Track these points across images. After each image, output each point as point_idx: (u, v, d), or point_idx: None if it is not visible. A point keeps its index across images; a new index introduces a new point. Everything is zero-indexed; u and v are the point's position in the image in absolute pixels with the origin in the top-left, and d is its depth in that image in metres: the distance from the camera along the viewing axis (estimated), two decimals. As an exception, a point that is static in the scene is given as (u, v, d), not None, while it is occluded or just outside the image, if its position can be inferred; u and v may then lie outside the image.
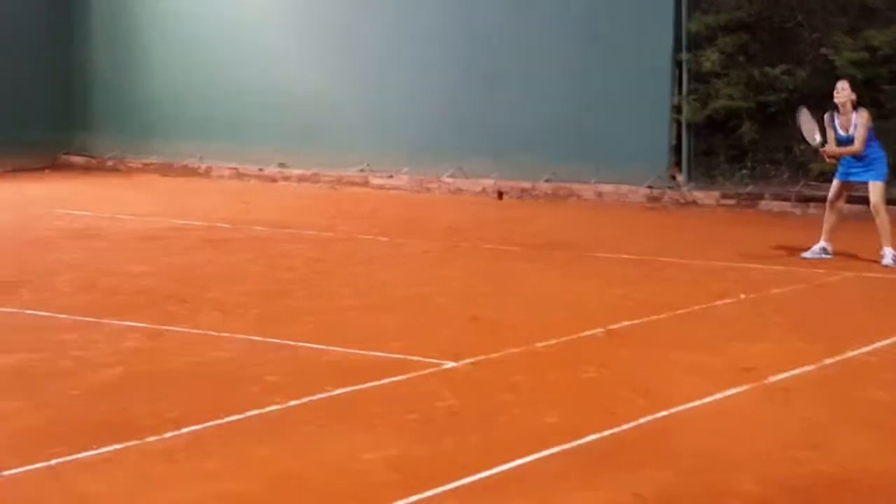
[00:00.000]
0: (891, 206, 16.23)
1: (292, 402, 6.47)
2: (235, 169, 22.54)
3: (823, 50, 18.15)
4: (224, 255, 12.51)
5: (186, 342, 8.17)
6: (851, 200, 12.88)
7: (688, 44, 18.95)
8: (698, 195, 18.41)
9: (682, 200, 18.46)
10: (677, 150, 19.13)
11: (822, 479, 5.31)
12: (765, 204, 17.67)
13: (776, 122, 18.08)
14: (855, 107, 12.16)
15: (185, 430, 5.95)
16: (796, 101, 12.35)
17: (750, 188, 18.14)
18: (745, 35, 18.74)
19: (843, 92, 12.15)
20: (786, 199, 17.50)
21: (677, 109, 19.07)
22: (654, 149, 19.05)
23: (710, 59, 18.72)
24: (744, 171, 18.48)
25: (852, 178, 12.30)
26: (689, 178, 18.91)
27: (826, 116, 12.28)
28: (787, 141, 17.54)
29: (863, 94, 16.86)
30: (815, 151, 12.86)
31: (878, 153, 12.30)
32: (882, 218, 12.07)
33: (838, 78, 12.61)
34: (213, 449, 5.71)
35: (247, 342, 8.14)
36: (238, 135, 22.26)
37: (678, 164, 19.11)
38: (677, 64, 19.09)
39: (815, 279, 11.19)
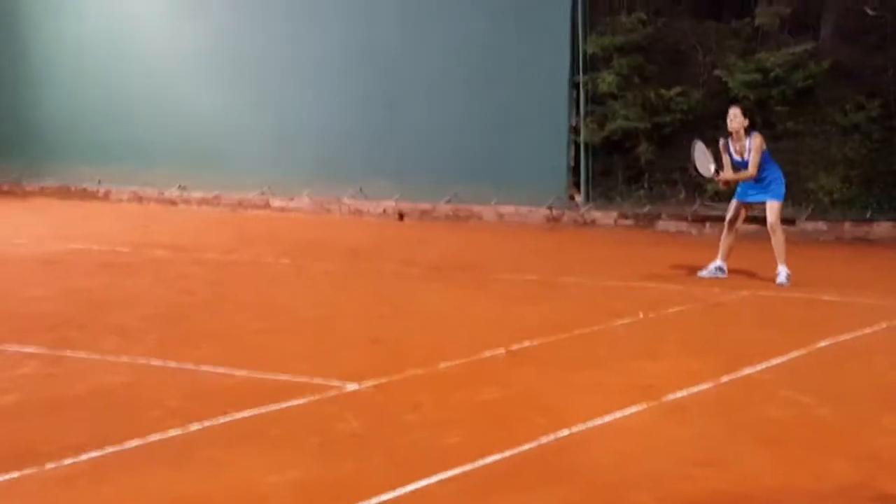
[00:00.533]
0: (785, 226, 16.64)
1: (193, 427, 6.42)
2: (135, 192, 22.37)
3: (717, 72, 18.50)
4: (123, 278, 12.39)
5: (85, 367, 8.07)
6: (746, 220, 12.99)
7: (584, 65, 19.18)
8: (597, 215, 18.62)
9: (581, 221, 18.66)
10: (576, 170, 19.34)
11: (718, 495, 5.39)
12: (662, 224, 17.92)
13: (672, 143, 18.37)
14: (748, 132, 12.28)
15: (85, 456, 5.87)
16: (691, 122, 12.54)
17: (647, 208, 18.39)
18: (640, 57, 19.03)
19: (735, 119, 12.27)
20: (682, 219, 17.78)
21: (575, 130, 19.29)
22: (553, 170, 19.24)
23: (607, 80, 18.98)
24: (641, 192, 18.73)
25: (750, 199, 12.45)
26: (588, 198, 19.12)
27: (721, 142, 12.42)
28: (683, 162, 17.76)
29: (756, 116, 17.23)
30: (712, 180, 13.00)
31: (775, 174, 12.44)
32: (778, 237, 12.26)
33: (733, 100, 12.81)
34: (113, 475, 5.65)
35: (147, 367, 8.06)
36: (137, 158, 22.08)
37: (577, 184, 19.32)
38: (575, 85, 19.31)
39: (712, 298, 11.37)
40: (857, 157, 17.49)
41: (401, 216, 19.90)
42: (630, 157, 18.96)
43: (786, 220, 16.92)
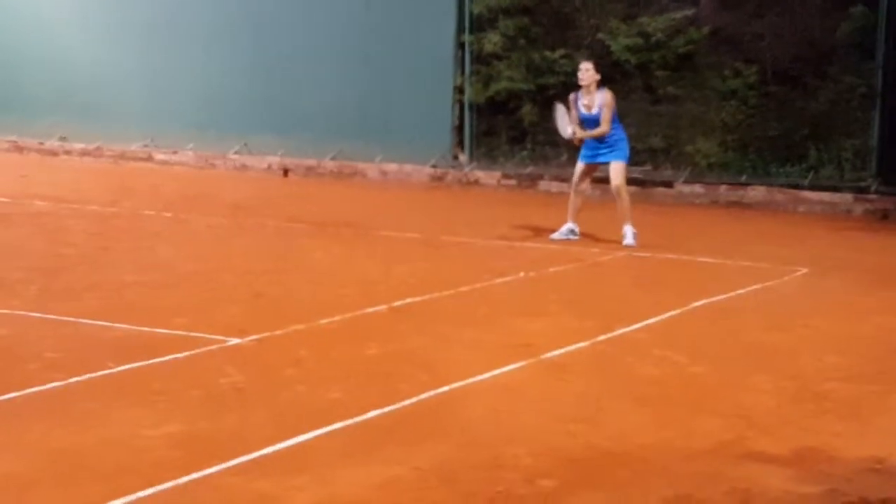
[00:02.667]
0: (664, 189, 16.89)
1: (73, 379, 6.39)
2: (14, 142, 21.95)
3: (600, 35, 18.66)
4: (2, 230, 12.21)
5: (-38, 319, 7.98)
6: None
7: (470, 25, 19.22)
8: (480, 175, 18.73)
9: (465, 180, 18.76)
10: (460, 130, 19.42)
11: (594, 451, 5.51)
12: (544, 185, 18.09)
13: (557, 103, 18.51)
14: (598, 87, 12.30)
15: (-39, 408, 5.83)
16: (574, 84, 12.57)
17: (530, 169, 18.55)
18: (525, 18, 19.12)
19: (587, 73, 12.30)
20: (564, 181, 17.88)
21: (460, 90, 19.34)
22: (438, 129, 19.29)
23: (492, 41, 19.05)
24: (524, 153, 18.88)
25: (597, 160, 12.51)
26: (472, 158, 19.22)
27: (571, 96, 12.49)
28: (566, 124, 17.96)
29: (637, 79, 17.48)
30: (568, 141, 13.01)
31: (621, 134, 12.47)
32: (623, 199, 12.29)
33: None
34: (-10, 427, 5.62)
35: (26, 319, 7.98)
36: (17, 107, 21.67)
37: (461, 144, 19.39)
38: (460, 45, 19.35)
39: (591, 258, 11.55)
40: (734, 122, 17.81)
41: (285, 172, 19.83)
42: (514, 118, 19.08)
43: (664, 183, 17.28)
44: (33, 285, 9.16)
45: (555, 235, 12.58)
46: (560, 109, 12.59)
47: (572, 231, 12.58)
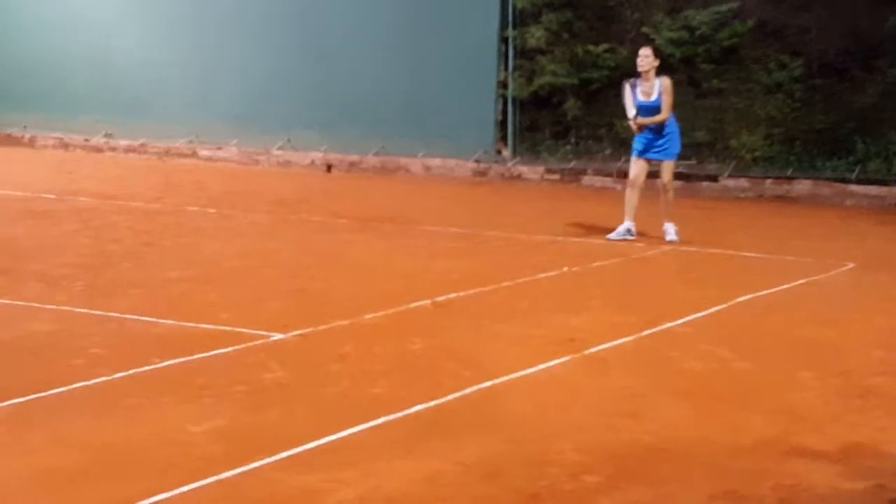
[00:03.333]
0: (709, 182, 16.80)
1: (118, 375, 6.42)
2: (60, 139, 22.13)
3: (644, 29, 18.58)
4: (48, 226, 12.29)
5: (8, 314, 8.03)
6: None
7: (514, 20, 19.20)
8: (523, 170, 18.70)
9: (508, 175, 18.73)
10: (503, 125, 19.41)
11: (638, 447, 5.49)
12: (587, 179, 18.05)
13: (598, 100, 18.50)
14: (658, 74, 12.06)
15: (8, 403, 5.85)
16: (618, 78, 12.55)
17: (573, 164, 18.51)
18: (569, 13, 19.08)
19: (646, 59, 12.03)
20: (608, 175, 17.90)
21: (503, 85, 19.34)
22: (481, 123, 19.29)
23: (536, 35, 19.02)
24: (567, 147, 18.84)
25: (649, 156, 12.18)
26: (515, 152, 19.20)
27: (629, 83, 12.19)
28: (609, 118, 17.94)
29: (681, 72, 17.38)
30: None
31: (674, 127, 12.21)
32: (669, 196, 12.20)
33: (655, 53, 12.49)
34: (36, 422, 5.65)
35: (71, 314, 8.04)
36: (63, 104, 21.84)
37: (504, 138, 19.38)
38: (503, 40, 19.34)
39: (635, 253, 11.50)
40: (780, 116, 17.70)
41: (328, 168, 19.87)
42: (557, 113, 19.05)
43: (708, 177, 17.19)
44: (79, 281, 9.22)
45: (611, 236, 12.18)
46: (627, 89, 12.31)
47: (629, 231, 12.17)
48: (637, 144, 12.21)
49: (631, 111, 12.07)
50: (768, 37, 18.18)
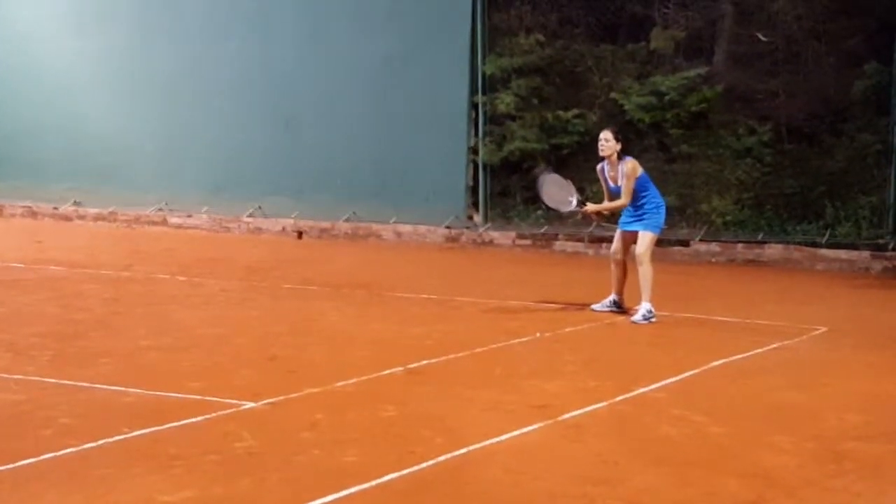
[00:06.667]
0: (680, 248, 16.84)
1: (88, 445, 6.34)
2: (29, 207, 22.06)
3: (613, 94, 18.73)
4: (17, 295, 12.20)
5: (-24, 385, 7.94)
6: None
7: (483, 86, 19.32)
8: (495, 235, 18.74)
9: (480, 240, 18.76)
10: (474, 190, 19.46)
11: (613, 512, 5.45)
12: (559, 244, 18.09)
13: (569, 165, 18.57)
14: (621, 157, 11.44)
15: (-25, 475, 5.78)
16: (588, 143, 12.60)
17: (545, 229, 18.56)
18: (538, 78, 19.23)
19: (606, 144, 11.43)
20: (579, 240, 17.96)
21: (474, 151, 19.41)
22: (452, 190, 19.35)
23: (505, 101, 19.15)
24: (539, 212, 18.89)
25: (627, 227, 11.65)
26: (486, 218, 19.25)
27: (598, 168, 11.70)
28: (580, 183, 17.98)
29: (650, 138, 17.49)
30: (578, 214, 12.43)
31: (654, 202, 11.58)
32: (644, 270, 11.36)
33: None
34: (4, 495, 5.56)
35: (40, 384, 7.94)
36: (31, 173, 21.81)
37: (475, 204, 19.43)
38: (473, 106, 19.44)
39: (607, 318, 11.50)
40: (749, 180, 17.82)
41: (299, 234, 19.86)
42: (528, 178, 19.11)
43: (680, 242, 17.26)
44: (48, 350, 9.13)
45: (596, 307, 11.83)
46: (554, 179, 11.89)
47: (614, 302, 11.78)
48: (621, 215, 11.74)
49: (571, 200, 11.72)
50: (737, 101, 18.36)
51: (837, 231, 16.99)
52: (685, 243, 17.41)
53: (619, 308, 11.80)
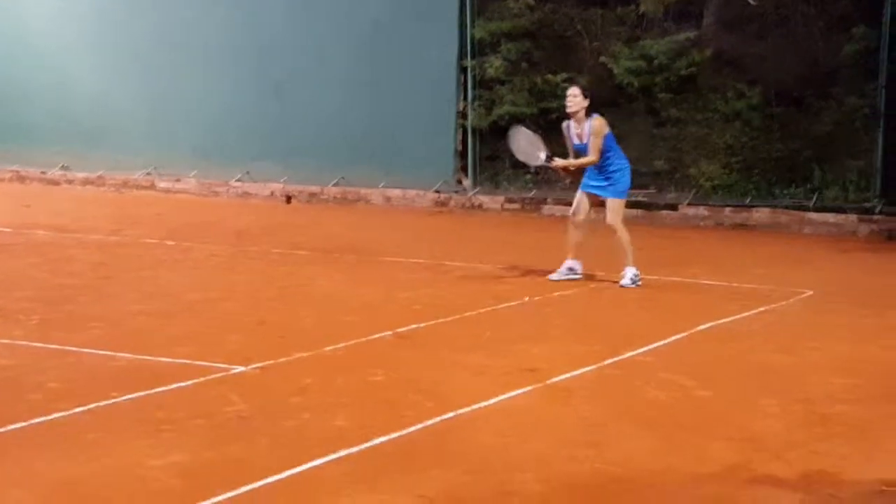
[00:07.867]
0: (668, 212, 16.84)
1: (77, 410, 6.36)
2: (16, 171, 21.99)
3: (603, 59, 18.68)
4: (4, 259, 12.19)
5: (-36, 350, 7.94)
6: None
7: (472, 50, 19.26)
8: (484, 199, 18.73)
9: (469, 205, 18.75)
10: (463, 155, 19.43)
11: (600, 477, 5.47)
12: (548, 208, 18.08)
13: (558, 129, 18.45)
14: (588, 114, 11.18)
15: (-35, 440, 5.79)
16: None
17: (533, 193, 18.54)
18: (527, 42, 19.17)
19: (573, 99, 11.20)
20: (568, 204, 17.82)
21: (463, 115, 19.37)
22: (441, 154, 19.32)
23: (495, 65, 19.09)
24: (528, 177, 18.87)
25: (594, 191, 11.39)
26: (475, 182, 19.23)
27: (563, 125, 11.43)
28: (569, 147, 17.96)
29: (639, 102, 17.46)
30: (546, 169, 12.29)
31: (620, 164, 11.31)
32: (620, 236, 11.22)
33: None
34: (-6, 459, 5.58)
35: (28, 349, 7.95)
36: (19, 137, 21.73)
37: (464, 169, 19.41)
38: (462, 70, 19.39)
39: (594, 282, 11.50)
40: (738, 144, 17.81)
41: (288, 199, 19.84)
42: (517, 142, 19.07)
43: (668, 206, 17.26)
44: (36, 315, 9.13)
45: (553, 276, 11.45)
46: (523, 134, 11.66)
47: (572, 269, 11.46)
48: (583, 177, 11.45)
49: (540, 155, 11.39)
50: (726, 66, 18.32)
51: (825, 195, 17.01)
52: (673, 207, 17.41)
53: (577, 274, 11.49)
